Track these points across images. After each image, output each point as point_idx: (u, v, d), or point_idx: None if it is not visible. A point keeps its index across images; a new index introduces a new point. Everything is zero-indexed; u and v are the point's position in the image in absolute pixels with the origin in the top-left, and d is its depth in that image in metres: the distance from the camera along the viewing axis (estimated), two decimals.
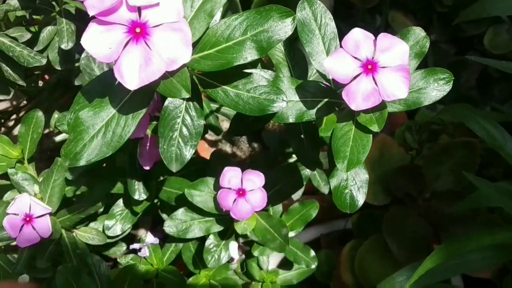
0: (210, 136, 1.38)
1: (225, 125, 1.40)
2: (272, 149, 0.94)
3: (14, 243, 0.83)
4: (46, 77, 1.35)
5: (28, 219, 0.71)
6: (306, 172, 0.78)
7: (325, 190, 0.92)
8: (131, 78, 0.42)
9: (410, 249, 0.95)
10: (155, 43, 0.42)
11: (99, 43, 0.42)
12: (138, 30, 0.42)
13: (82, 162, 0.47)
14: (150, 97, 0.48)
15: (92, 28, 0.42)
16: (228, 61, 0.47)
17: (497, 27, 1.38)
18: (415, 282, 0.66)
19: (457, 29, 1.45)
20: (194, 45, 0.48)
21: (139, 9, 0.42)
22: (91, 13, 0.41)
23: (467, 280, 1.04)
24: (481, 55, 1.50)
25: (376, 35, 0.51)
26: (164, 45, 0.42)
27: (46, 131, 1.37)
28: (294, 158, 0.96)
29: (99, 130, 0.47)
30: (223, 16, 0.52)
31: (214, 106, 1.03)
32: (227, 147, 1.39)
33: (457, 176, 0.99)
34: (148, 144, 0.67)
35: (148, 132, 0.67)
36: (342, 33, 0.55)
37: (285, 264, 0.94)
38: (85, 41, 0.42)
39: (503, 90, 1.41)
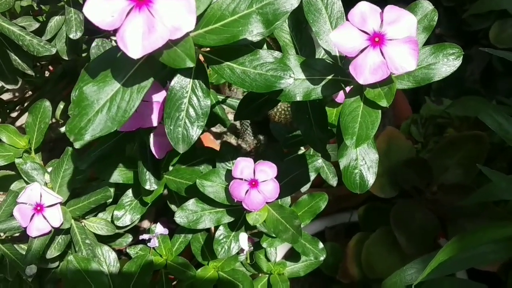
0: (215, 128, 1.37)
1: (230, 117, 1.40)
2: (280, 141, 0.93)
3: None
4: (51, 67, 1.34)
5: (39, 208, 0.71)
6: (317, 164, 0.78)
7: (333, 182, 0.92)
8: (134, 46, 0.42)
9: (418, 242, 0.95)
10: (158, 11, 0.42)
11: (102, 11, 0.41)
12: None
13: (87, 137, 0.46)
14: (155, 70, 0.47)
15: None
16: (233, 35, 0.47)
17: (502, 22, 1.37)
18: (427, 275, 0.66)
19: (463, 23, 1.45)
20: (199, 19, 0.47)
21: None
22: None
23: (471, 273, 1.04)
24: None
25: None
26: (167, 12, 0.42)
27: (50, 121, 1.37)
28: (301, 150, 0.96)
29: (103, 105, 0.46)
30: None
31: (220, 97, 1.03)
32: (232, 139, 1.38)
33: (465, 169, 0.99)
34: (161, 133, 0.66)
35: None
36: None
37: (292, 256, 0.94)
38: (87, 9, 0.41)
39: (508, 84, 1.41)
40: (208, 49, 0.51)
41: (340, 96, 0.73)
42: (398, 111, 1.30)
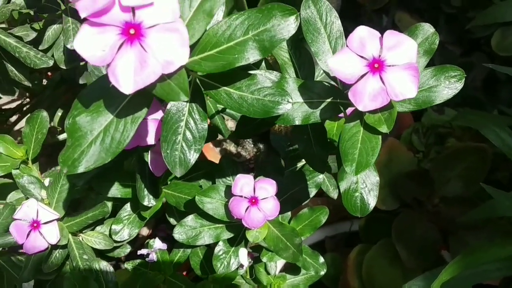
0: None
1: (229, 124, 1.38)
2: (280, 153, 0.92)
3: None
4: (49, 74, 1.33)
5: (36, 225, 0.70)
6: (317, 179, 0.77)
7: (334, 195, 0.90)
8: (126, 82, 0.40)
9: (420, 256, 0.94)
10: (150, 45, 0.41)
11: (92, 46, 0.40)
12: (132, 31, 0.40)
13: (80, 169, 0.45)
14: (149, 100, 0.46)
15: (85, 30, 0.40)
16: (229, 62, 0.46)
17: (505, 29, 1.36)
18: None
19: (464, 30, 1.44)
20: (194, 46, 0.46)
21: (133, 10, 0.40)
22: (83, 15, 0.39)
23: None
24: (488, 56, 1.49)
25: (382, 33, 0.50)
26: (159, 46, 0.41)
27: (48, 126, 1.35)
28: (302, 162, 0.95)
29: (97, 136, 0.45)
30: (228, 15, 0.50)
31: (219, 107, 1.01)
32: (231, 147, 1.37)
33: (467, 181, 0.98)
34: (159, 152, 0.65)
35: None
36: (349, 34, 0.53)
37: (291, 268, 0.93)
38: (77, 44, 0.40)
39: (510, 93, 1.40)
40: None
41: None
42: (399, 120, 1.29)
